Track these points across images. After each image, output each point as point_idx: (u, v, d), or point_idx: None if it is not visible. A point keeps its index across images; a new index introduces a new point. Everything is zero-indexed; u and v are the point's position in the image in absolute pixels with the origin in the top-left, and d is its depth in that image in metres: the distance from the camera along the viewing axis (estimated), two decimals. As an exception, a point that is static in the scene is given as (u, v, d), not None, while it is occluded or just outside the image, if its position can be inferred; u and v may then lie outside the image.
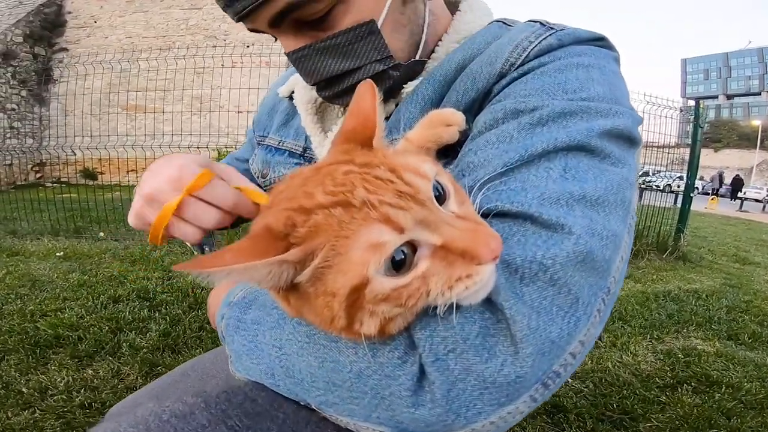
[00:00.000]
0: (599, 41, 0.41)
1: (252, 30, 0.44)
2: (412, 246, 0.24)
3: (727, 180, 23.14)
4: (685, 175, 4.16)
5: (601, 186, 0.30)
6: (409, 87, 0.44)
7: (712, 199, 13.13)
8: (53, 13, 10.19)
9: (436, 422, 0.26)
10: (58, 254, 2.84)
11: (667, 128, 3.95)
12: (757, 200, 21.00)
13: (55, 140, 9.75)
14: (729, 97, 61.97)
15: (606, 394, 1.35)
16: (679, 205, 4.17)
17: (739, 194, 19.01)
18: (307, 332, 0.31)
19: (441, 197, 0.25)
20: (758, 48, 60.62)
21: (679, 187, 5.32)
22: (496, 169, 0.31)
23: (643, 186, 5.94)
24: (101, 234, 3.46)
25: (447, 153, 0.38)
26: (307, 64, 0.42)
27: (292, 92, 0.57)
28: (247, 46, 9.84)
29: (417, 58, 0.45)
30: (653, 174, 8.11)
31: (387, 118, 0.45)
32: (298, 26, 0.41)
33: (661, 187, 6.07)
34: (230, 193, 0.33)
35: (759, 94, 58.52)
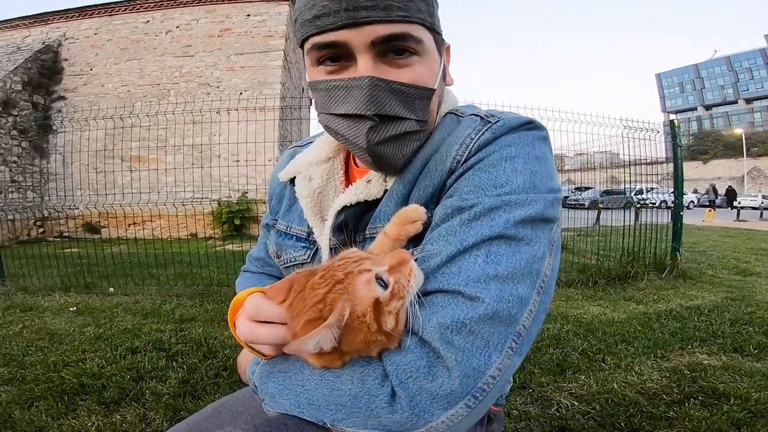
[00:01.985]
0: (528, 125, 0.51)
1: (325, 45, 0.48)
2: (380, 277, 0.41)
3: (721, 191, 23.51)
4: (672, 195, 4.26)
5: (511, 265, 0.43)
6: (389, 183, 0.55)
7: (709, 211, 13.24)
8: (50, 60, 10.40)
9: (407, 422, 0.39)
10: (71, 309, 2.90)
11: (650, 147, 4.10)
12: (754, 208, 21.21)
13: (56, 194, 9.89)
14: (707, 107, 62.76)
15: (613, 414, 1.39)
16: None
17: (735, 204, 19.26)
18: (319, 374, 0.44)
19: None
20: (725, 57, 61.78)
21: (675, 201, 5.40)
22: (443, 258, 0.45)
23: (638, 205, 6.04)
24: (111, 289, 3.52)
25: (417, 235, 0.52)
26: (377, 93, 0.47)
27: (292, 177, 0.66)
28: (240, 93, 10.25)
29: (428, 130, 0.55)
30: (647, 192, 8.23)
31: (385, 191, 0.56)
32: (384, 53, 0.48)
33: (657, 204, 6.17)
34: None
35: (736, 102, 59.27)
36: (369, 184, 0.56)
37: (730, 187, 24.08)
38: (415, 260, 0.45)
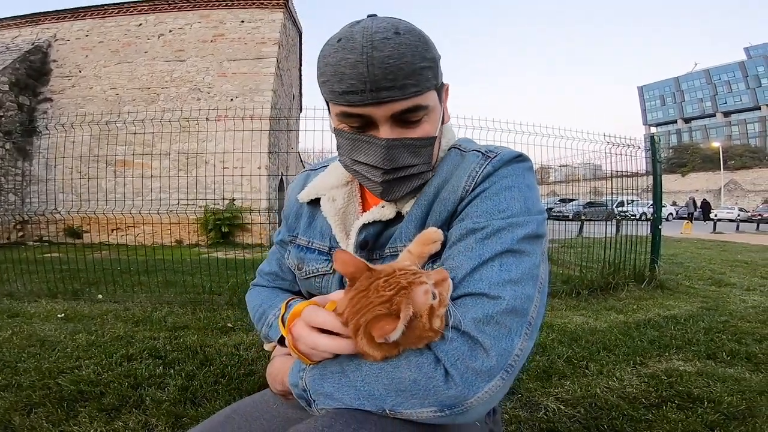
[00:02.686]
0: (519, 158, 0.63)
1: (352, 114, 0.59)
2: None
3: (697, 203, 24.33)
4: (651, 209, 4.42)
5: (519, 272, 0.55)
6: (408, 206, 0.65)
7: (687, 224, 13.71)
8: (39, 61, 10.20)
9: (459, 395, 0.48)
10: (59, 316, 2.87)
11: (632, 161, 4.26)
12: (730, 220, 22.00)
13: (38, 197, 9.63)
14: (686, 120, 63.73)
15: (596, 417, 1.48)
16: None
17: (712, 216, 19.94)
18: (377, 368, 0.51)
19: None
20: (704, 69, 62.69)
21: (654, 215, 5.58)
22: (466, 270, 0.55)
23: (619, 218, 6.23)
24: (100, 296, 3.49)
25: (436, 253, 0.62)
26: (392, 151, 0.59)
27: (312, 199, 0.74)
28: (231, 99, 10.22)
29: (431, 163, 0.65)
30: (628, 204, 8.47)
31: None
32: (399, 121, 0.59)
33: (638, 216, 6.38)
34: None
35: (714, 115, 60.36)
36: (383, 208, 0.66)
37: (704, 200, 24.97)
38: None
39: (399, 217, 0.66)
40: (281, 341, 0.67)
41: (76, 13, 10.51)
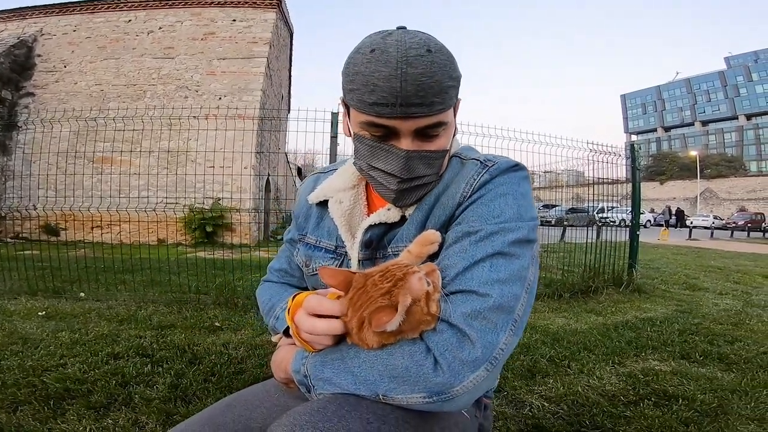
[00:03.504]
0: (515, 167, 0.67)
1: (378, 125, 0.62)
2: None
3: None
4: (630, 215, 4.56)
5: (508, 272, 0.58)
6: (411, 210, 0.69)
7: (664, 230, 14.12)
8: (23, 55, 9.97)
9: (446, 383, 0.52)
10: (40, 314, 2.81)
11: (613, 168, 4.39)
12: (705, 227, 22.83)
13: (15, 192, 9.33)
14: (666, 129, 64.93)
15: (579, 413, 1.54)
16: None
17: (688, 223, 20.68)
18: (374, 355, 0.55)
19: None
20: (685, 79, 63.93)
21: (632, 222, 5.74)
22: (459, 269, 0.59)
23: (600, 223, 6.39)
24: (82, 294, 3.42)
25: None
26: (410, 162, 0.63)
27: (321, 200, 0.78)
28: (220, 98, 10.11)
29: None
30: (608, 210, 8.70)
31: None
32: (420, 135, 0.63)
33: (617, 222, 6.56)
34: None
35: (692, 124, 61.63)
36: (389, 211, 0.70)
37: (678, 208, 25.98)
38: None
39: (403, 219, 0.70)
40: (286, 332, 0.70)
41: (65, 7, 10.29)
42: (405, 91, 0.57)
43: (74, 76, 10.09)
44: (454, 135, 0.70)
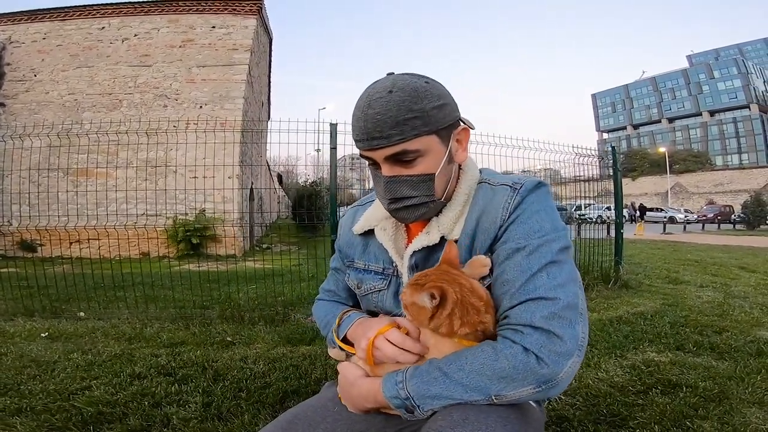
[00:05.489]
0: (539, 185, 0.76)
1: (363, 155, 0.76)
2: None
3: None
4: (613, 210, 4.76)
5: (563, 277, 0.69)
6: (452, 232, 0.78)
7: (640, 225, 14.73)
8: None
9: (551, 373, 0.62)
10: (43, 335, 2.76)
11: (587, 167, 4.59)
12: (678, 222, 24.28)
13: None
14: (635, 126, 67.02)
15: (595, 404, 1.65)
16: (612, 234, 4.76)
17: (645, 217, 22.60)
18: (478, 363, 0.64)
19: None
20: (651, 77, 66.26)
21: (609, 218, 5.97)
22: (521, 281, 0.68)
23: (579, 221, 6.63)
24: (81, 313, 3.36)
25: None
26: (391, 185, 0.74)
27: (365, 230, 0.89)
28: (200, 107, 9.96)
29: (443, 199, 0.78)
30: (585, 207, 9.02)
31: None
32: (396, 161, 0.73)
33: (594, 219, 6.83)
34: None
35: (659, 121, 63.82)
36: (428, 235, 0.80)
37: (641, 204, 27.56)
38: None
39: (442, 240, 0.79)
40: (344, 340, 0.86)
41: (35, 15, 9.94)
42: (366, 128, 0.71)
43: (45, 86, 9.78)
44: (454, 160, 0.79)
